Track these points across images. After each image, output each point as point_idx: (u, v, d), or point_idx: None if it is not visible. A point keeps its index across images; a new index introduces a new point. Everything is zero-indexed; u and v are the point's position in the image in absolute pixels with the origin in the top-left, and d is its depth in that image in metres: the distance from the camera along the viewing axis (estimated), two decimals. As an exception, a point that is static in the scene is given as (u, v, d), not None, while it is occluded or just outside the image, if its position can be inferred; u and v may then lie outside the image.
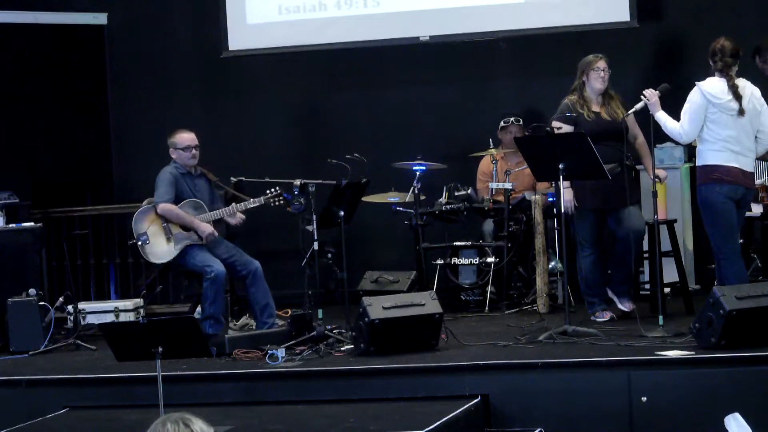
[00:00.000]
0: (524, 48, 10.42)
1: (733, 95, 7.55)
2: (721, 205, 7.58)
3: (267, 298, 8.42)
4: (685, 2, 10.22)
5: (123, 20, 11.01)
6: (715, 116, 7.58)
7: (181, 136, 8.54)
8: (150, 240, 8.38)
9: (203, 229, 8.35)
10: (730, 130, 7.56)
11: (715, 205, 7.59)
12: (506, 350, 7.40)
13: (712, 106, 7.56)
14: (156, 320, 6.31)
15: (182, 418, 3.34)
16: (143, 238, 8.37)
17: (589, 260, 8.28)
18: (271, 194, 8.42)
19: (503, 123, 9.80)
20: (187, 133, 8.56)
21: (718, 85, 7.60)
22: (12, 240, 9.09)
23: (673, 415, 6.65)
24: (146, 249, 8.40)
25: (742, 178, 7.60)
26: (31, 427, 7.09)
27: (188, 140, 8.52)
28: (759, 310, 6.95)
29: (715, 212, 7.60)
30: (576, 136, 7.82)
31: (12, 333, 8.68)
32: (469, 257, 9.37)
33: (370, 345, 7.40)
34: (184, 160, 8.49)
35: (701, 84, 7.63)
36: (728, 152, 7.56)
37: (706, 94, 7.56)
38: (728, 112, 7.57)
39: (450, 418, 6.42)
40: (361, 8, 10.44)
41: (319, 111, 10.94)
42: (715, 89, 7.58)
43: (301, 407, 6.97)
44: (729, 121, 7.57)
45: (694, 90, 7.65)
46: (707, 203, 7.63)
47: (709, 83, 7.62)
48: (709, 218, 7.66)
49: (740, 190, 7.62)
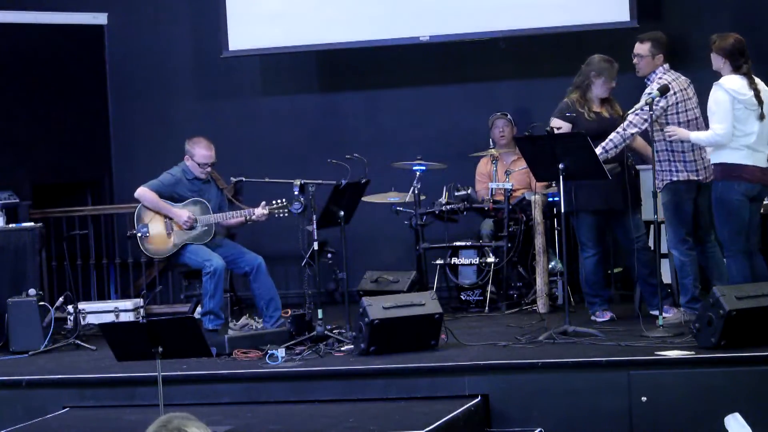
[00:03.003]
0: (524, 48, 10.41)
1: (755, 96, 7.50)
2: (737, 203, 7.54)
3: (272, 292, 8.41)
4: (685, 2, 10.22)
5: (123, 20, 11.00)
6: (739, 113, 7.48)
7: (201, 152, 8.44)
8: (150, 233, 8.39)
9: (179, 215, 8.34)
10: (752, 127, 7.50)
11: (731, 203, 7.54)
12: (506, 350, 7.41)
13: (738, 103, 7.47)
14: (156, 320, 6.30)
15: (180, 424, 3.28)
16: (143, 230, 8.38)
17: (591, 261, 8.28)
18: (277, 205, 8.42)
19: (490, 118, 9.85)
20: (208, 150, 8.45)
21: (739, 81, 7.51)
22: (12, 240, 9.09)
23: (673, 415, 6.65)
24: (145, 242, 8.41)
25: (759, 176, 7.56)
26: (31, 427, 7.09)
27: (206, 158, 8.45)
28: (759, 310, 6.95)
29: (729, 210, 7.56)
30: (576, 136, 7.81)
31: (12, 333, 8.68)
32: (469, 257, 9.37)
33: (370, 345, 7.40)
34: (195, 171, 8.48)
35: (722, 82, 7.51)
36: (747, 150, 7.51)
37: (731, 91, 7.46)
38: (752, 107, 7.50)
39: (450, 418, 6.42)
40: (361, 8, 10.44)
41: (319, 111, 10.94)
42: (737, 85, 7.49)
43: (301, 407, 6.97)
44: (751, 118, 7.50)
45: (716, 90, 7.52)
46: (723, 200, 7.57)
47: (730, 81, 7.52)
48: (722, 215, 7.60)
49: (757, 188, 7.59)
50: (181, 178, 8.48)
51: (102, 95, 10.97)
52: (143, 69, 11.10)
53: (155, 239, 8.40)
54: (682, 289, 7.95)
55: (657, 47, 7.98)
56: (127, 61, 11.08)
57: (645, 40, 8.03)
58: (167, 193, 8.42)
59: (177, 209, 8.37)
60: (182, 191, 8.46)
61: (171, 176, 8.47)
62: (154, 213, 8.41)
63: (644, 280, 8.18)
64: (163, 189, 8.41)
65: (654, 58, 7.98)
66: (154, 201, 8.38)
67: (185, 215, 8.34)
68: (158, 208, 8.38)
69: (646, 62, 8.01)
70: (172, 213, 8.37)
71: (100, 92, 10.96)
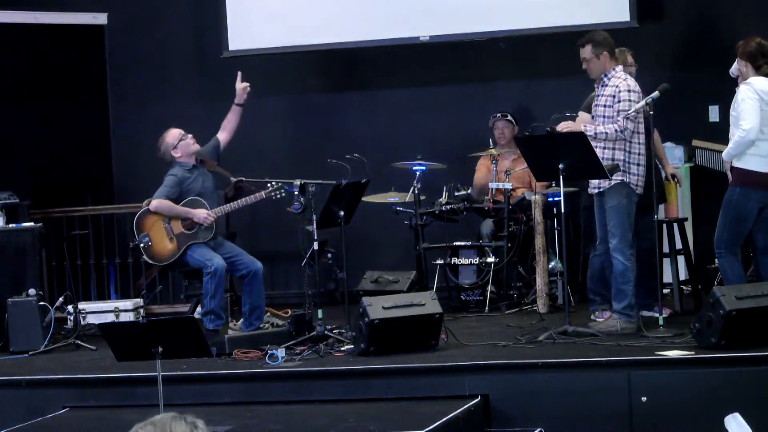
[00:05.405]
0: (524, 48, 10.42)
1: None
2: (749, 212, 7.52)
3: (260, 301, 8.43)
4: (685, 2, 10.22)
5: (123, 20, 11.00)
6: (764, 114, 7.41)
7: (170, 134, 8.55)
8: (152, 241, 8.38)
9: (198, 215, 8.35)
10: None
11: (743, 210, 7.51)
12: (506, 350, 7.40)
13: (766, 105, 7.41)
14: (156, 320, 6.31)
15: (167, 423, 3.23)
16: (145, 239, 8.38)
17: (599, 260, 8.17)
18: (272, 188, 8.42)
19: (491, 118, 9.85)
20: (171, 130, 8.59)
21: (766, 83, 7.44)
22: (12, 240, 9.09)
23: (673, 415, 6.65)
24: (149, 251, 8.41)
25: None
26: (31, 427, 7.09)
27: (176, 134, 8.54)
28: (759, 310, 6.95)
29: (738, 215, 7.53)
30: (576, 136, 7.80)
31: (12, 333, 8.68)
32: (469, 257, 9.37)
33: (370, 345, 7.40)
34: (187, 149, 8.47)
35: (751, 82, 7.44)
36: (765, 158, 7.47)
37: (759, 92, 7.40)
38: None
39: (450, 418, 6.42)
40: (360, 8, 10.44)
41: (319, 111, 10.94)
42: (766, 87, 7.42)
43: (301, 407, 6.96)
44: None
45: (743, 90, 7.43)
46: (736, 205, 7.53)
47: (759, 81, 7.44)
48: (728, 217, 7.55)
49: None
50: (183, 173, 8.49)
51: (102, 95, 10.97)
52: (143, 69, 11.10)
53: (158, 246, 8.40)
54: (620, 294, 7.78)
55: (598, 47, 7.88)
56: (127, 61, 11.09)
57: (585, 44, 7.92)
58: (176, 193, 8.43)
59: (194, 210, 8.38)
60: (189, 185, 8.46)
61: (174, 177, 8.48)
62: (153, 220, 8.40)
63: (641, 280, 8.16)
64: (173, 192, 8.41)
65: (599, 58, 7.90)
66: (171, 208, 8.39)
67: (203, 213, 8.36)
68: (176, 214, 8.39)
69: (593, 64, 7.92)
70: (191, 214, 8.38)
71: (100, 92, 10.96)
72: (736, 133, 7.46)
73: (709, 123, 9.93)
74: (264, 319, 8.45)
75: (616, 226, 7.76)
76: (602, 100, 7.85)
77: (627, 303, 7.74)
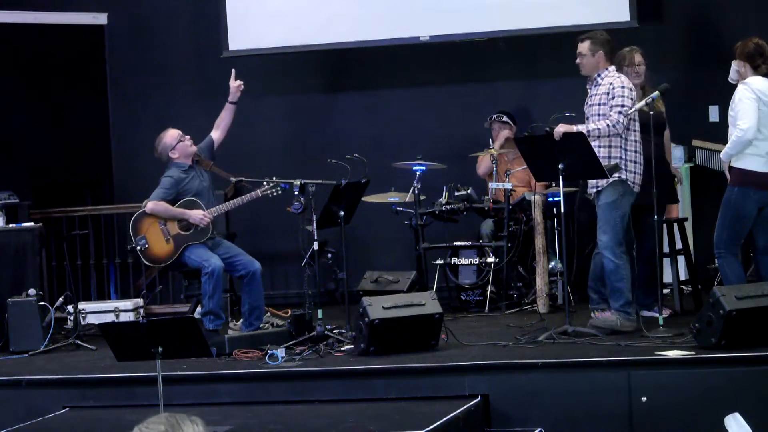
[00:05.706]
0: (524, 48, 10.42)
1: None
2: (748, 212, 7.51)
3: (259, 301, 8.41)
4: (685, 2, 10.22)
5: (123, 20, 11.01)
6: (763, 114, 7.41)
7: (168, 135, 8.51)
8: (149, 243, 8.37)
9: (194, 215, 8.34)
10: None
11: (742, 210, 7.51)
12: (506, 350, 7.41)
13: (764, 105, 7.41)
14: (156, 320, 6.30)
15: None
16: (142, 242, 8.37)
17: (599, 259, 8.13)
18: (267, 186, 8.41)
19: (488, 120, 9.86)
20: (170, 130, 8.55)
21: (764, 82, 7.44)
22: (12, 240, 9.10)
23: (673, 415, 6.65)
24: (146, 253, 8.40)
25: None
26: (31, 427, 7.09)
27: (175, 135, 8.51)
28: (759, 310, 6.95)
29: (737, 215, 7.53)
30: (575, 136, 7.80)
31: (12, 333, 8.68)
32: (469, 257, 9.37)
33: (370, 345, 7.40)
34: (185, 151, 8.46)
35: (749, 82, 7.44)
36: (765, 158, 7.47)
37: (756, 91, 7.40)
38: None
39: (450, 418, 6.42)
40: (361, 8, 10.44)
41: (319, 111, 10.94)
42: (764, 86, 7.43)
43: (301, 407, 6.97)
44: None
45: (741, 89, 7.43)
46: (735, 205, 7.52)
47: (756, 81, 7.44)
48: (727, 217, 7.55)
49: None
50: (179, 174, 8.47)
51: (102, 95, 10.98)
52: (143, 69, 11.10)
53: (155, 248, 8.38)
54: (616, 292, 7.76)
55: (596, 45, 7.90)
56: (127, 61, 11.08)
57: (584, 39, 7.96)
58: (173, 194, 8.41)
59: (190, 211, 8.35)
60: (185, 186, 8.45)
61: (170, 178, 8.46)
62: (150, 222, 8.39)
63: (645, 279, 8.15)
64: (169, 193, 8.39)
65: (594, 56, 7.90)
66: (166, 210, 8.36)
67: (200, 214, 8.34)
68: (173, 215, 8.37)
69: (587, 60, 7.93)
70: (187, 215, 8.35)
71: (100, 92, 10.96)
72: (733, 133, 7.46)
73: (709, 123, 9.93)
74: (264, 319, 8.44)
75: (607, 223, 7.75)
76: (596, 99, 7.86)
77: (624, 300, 7.74)
